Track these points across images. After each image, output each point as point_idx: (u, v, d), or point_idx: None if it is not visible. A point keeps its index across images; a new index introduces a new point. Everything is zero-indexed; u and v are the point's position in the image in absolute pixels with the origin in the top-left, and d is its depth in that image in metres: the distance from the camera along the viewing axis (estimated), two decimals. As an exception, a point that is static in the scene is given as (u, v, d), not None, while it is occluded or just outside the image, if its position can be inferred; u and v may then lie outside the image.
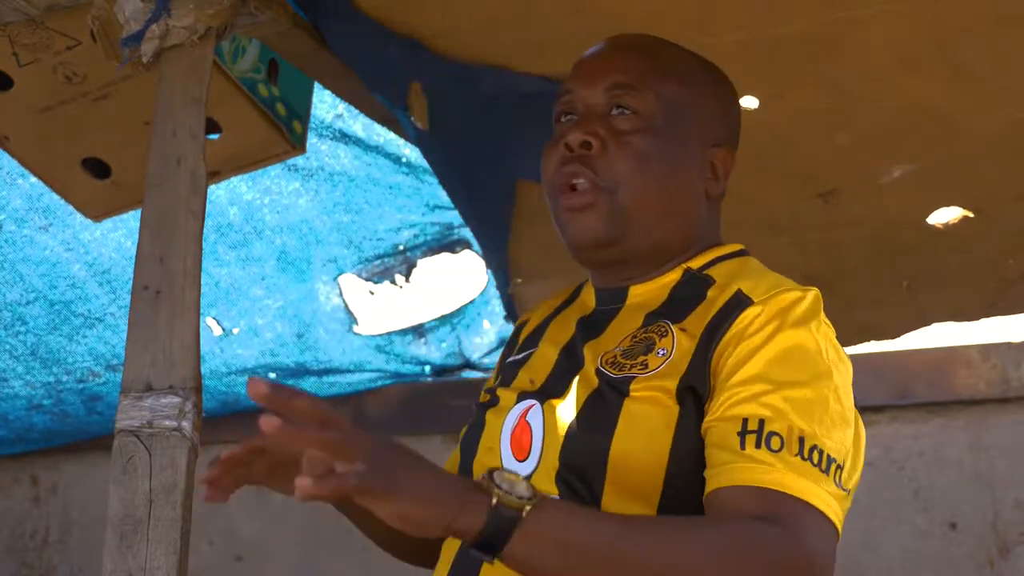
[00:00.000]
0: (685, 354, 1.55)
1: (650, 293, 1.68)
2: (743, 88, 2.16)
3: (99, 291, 2.88)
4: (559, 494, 1.52)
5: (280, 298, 3.05)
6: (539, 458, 1.56)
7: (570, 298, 1.82)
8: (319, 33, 2.14)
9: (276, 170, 2.67)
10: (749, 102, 2.20)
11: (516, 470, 1.56)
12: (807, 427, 1.46)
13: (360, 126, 2.60)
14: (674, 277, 1.68)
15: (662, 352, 1.57)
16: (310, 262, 2.99)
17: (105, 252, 2.79)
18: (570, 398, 1.58)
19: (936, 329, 2.88)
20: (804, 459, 1.44)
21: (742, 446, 1.45)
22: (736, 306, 1.56)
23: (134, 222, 2.28)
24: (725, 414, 1.49)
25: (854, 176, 2.41)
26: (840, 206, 2.47)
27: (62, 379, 3.15)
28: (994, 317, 2.81)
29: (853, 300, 2.65)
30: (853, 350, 2.80)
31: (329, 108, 2.56)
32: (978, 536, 3.02)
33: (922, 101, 2.19)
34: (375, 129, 2.59)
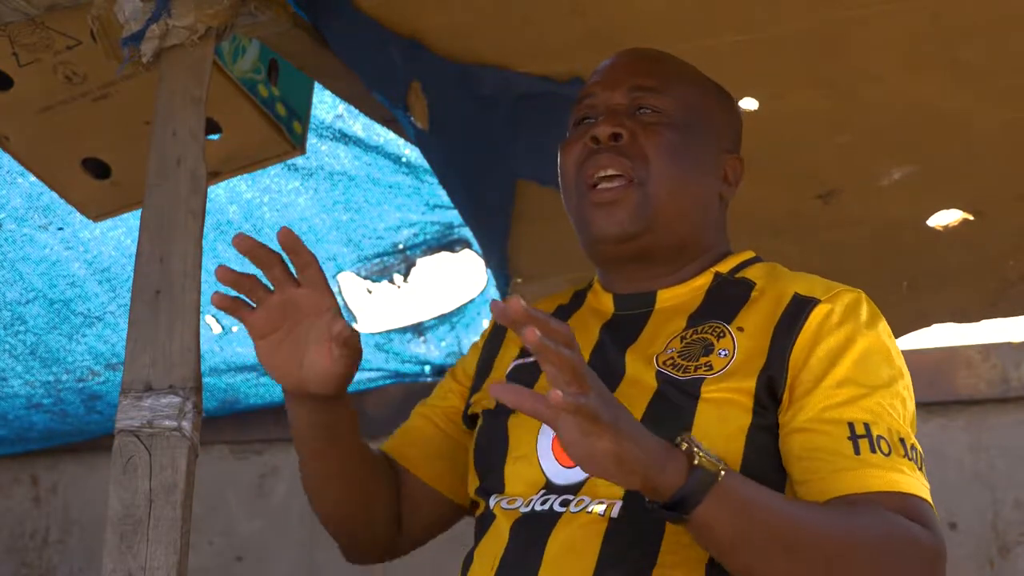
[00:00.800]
0: (754, 353, 1.58)
1: (682, 297, 1.70)
2: (743, 88, 2.17)
3: (99, 290, 2.88)
4: (624, 499, 1.52)
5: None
6: None
7: (572, 302, 1.82)
8: (319, 33, 2.14)
9: (276, 169, 2.67)
10: (749, 103, 2.20)
11: (567, 475, 1.57)
12: (901, 427, 1.54)
13: (360, 126, 2.60)
14: (705, 281, 1.71)
15: (724, 353, 1.59)
16: (310, 261, 2.99)
17: (105, 251, 2.79)
18: (629, 401, 1.56)
19: (936, 329, 2.88)
20: (910, 459, 1.52)
21: (857, 451, 1.51)
22: (804, 306, 1.60)
23: (134, 220, 2.28)
24: (825, 417, 1.53)
25: (854, 177, 2.41)
26: (840, 206, 2.47)
27: (62, 378, 3.15)
28: (994, 317, 2.81)
29: (853, 300, 2.65)
30: (853, 350, 2.79)
31: (329, 108, 2.56)
32: (978, 536, 3.02)
33: (922, 101, 2.19)
34: (375, 129, 2.59)
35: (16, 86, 2.18)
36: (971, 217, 2.47)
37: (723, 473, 1.38)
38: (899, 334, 2.88)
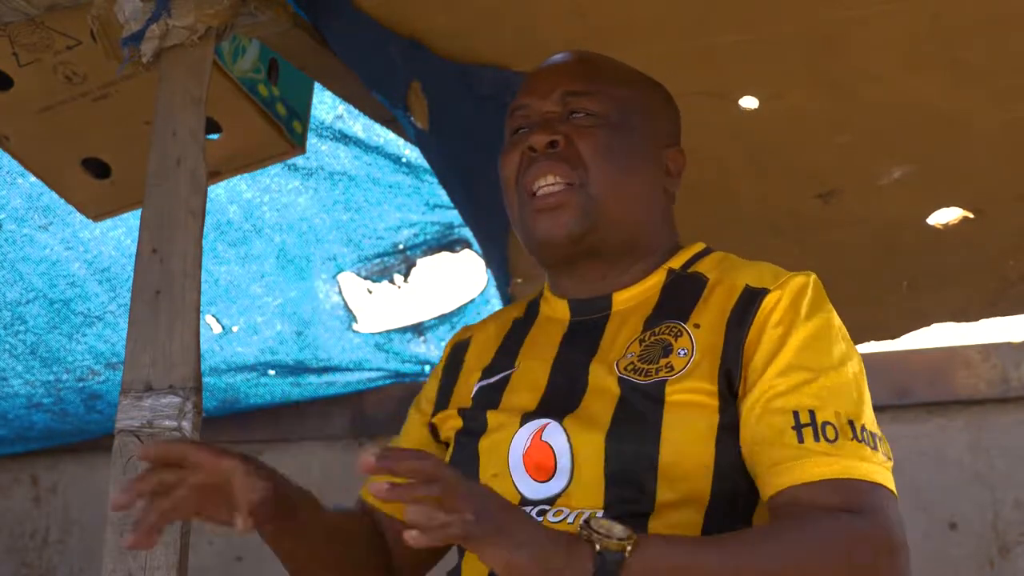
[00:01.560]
0: (711, 349, 1.58)
1: (637, 297, 1.70)
2: (743, 88, 2.17)
3: (99, 289, 2.88)
4: (604, 506, 1.53)
5: (280, 296, 3.05)
6: (571, 475, 1.56)
7: (527, 313, 1.82)
8: (319, 33, 2.14)
9: (276, 169, 2.67)
10: (749, 102, 2.20)
11: (540, 490, 1.57)
12: (850, 408, 1.53)
13: (360, 126, 2.60)
14: (659, 279, 1.72)
15: (683, 352, 1.59)
16: (310, 260, 2.99)
17: (105, 250, 2.79)
18: (595, 411, 1.58)
19: (936, 329, 2.88)
20: (859, 441, 1.51)
21: (800, 439, 1.50)
22: (754, 297, 1.61)
23: (134, 220, 2.28)
24: (771, 406, 1.53)
25: (854, 176, 2.41)
26: (840, 206, 2.47)
27: (62, 377, 3.15)
28: (994, 317, 2.81)
29: (853, 300, 2.64)
30: (853, 350, 2.79)
31: (329, 108, 2.56)
32: (978, 536, 3.02)
33: (922, 101, 2.19)
34: (375, 129, 2.59)
35: (16, 86, 2.18)
36: (971, 216, 2.47)
37: (629, 549, 1.35)
38: (899, 334, 2.89)
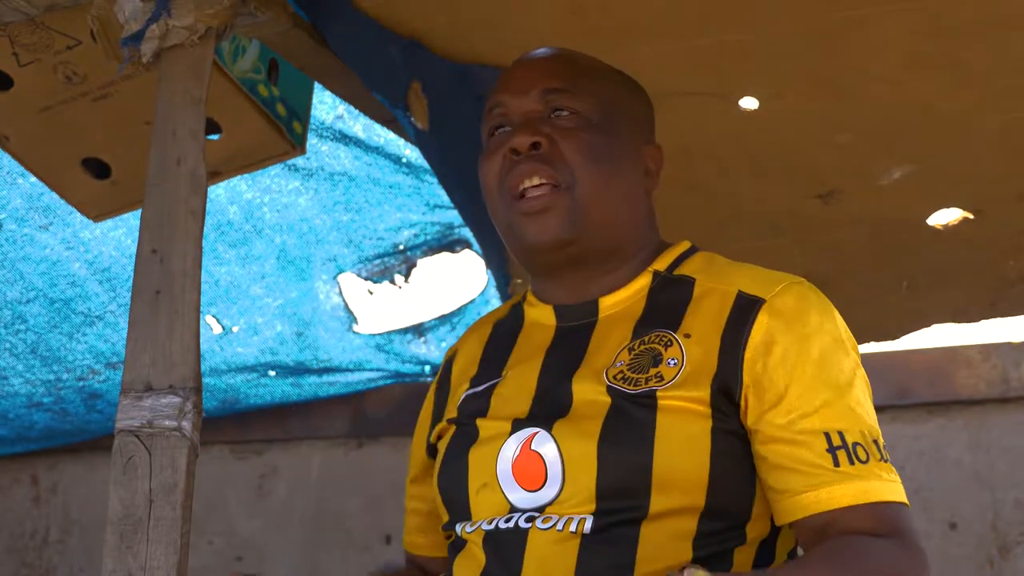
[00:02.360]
0: (703, 360, 1.56)
1: (624, 303, 1.68)
2: (743, 88, 2.17)
3: (99, 289, 2.88)
4: (595, 514, 1.52)
5: (280, 296, 3.05)
6: (562, 484, 1.55)
7: (510, 317, 1.79)
8: (319, 33, 2.13)
9: (276, 169, 2.67)
10: (749, 102, 2.20)
11: (530, 499, 1.56)
12: (871, 425, 1.55)
13: (360, 126, 2.60)
14: (645, 282, 1.69)
15: (672, 362, 1.57)
16: (310, 261, 2.99)
17: (105, 250, 2.79)
18: (585, 419, 1.57)
19: (936, 329, 2.88)
20: (883, 460, 1.53)
21: (836, 463, 1.51)
22: (750, 307, 1.59)
23: (134, 220, 2.28)
24: (800, 427, 1.53)
25: (854, 176, 2.41)
26: (840, 206, 2.47)
27: (62, 377, 3.16)
28: (994, 318, 2.81)
29: (853, 300, 2.65)
30: (853, 350, 2.80)
31: (329, 108, 2.56)
32: (978, 536, 3.02)
33: (922, 101, 2.19)
34: (375, 129, 2.59)
35: (16, 86, 2.18)
36: (971, 216, 2.47)
37: None
38: (899, 334, 2.89)
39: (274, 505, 3.56)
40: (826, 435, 1.52)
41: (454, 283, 3.31)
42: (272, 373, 3.32)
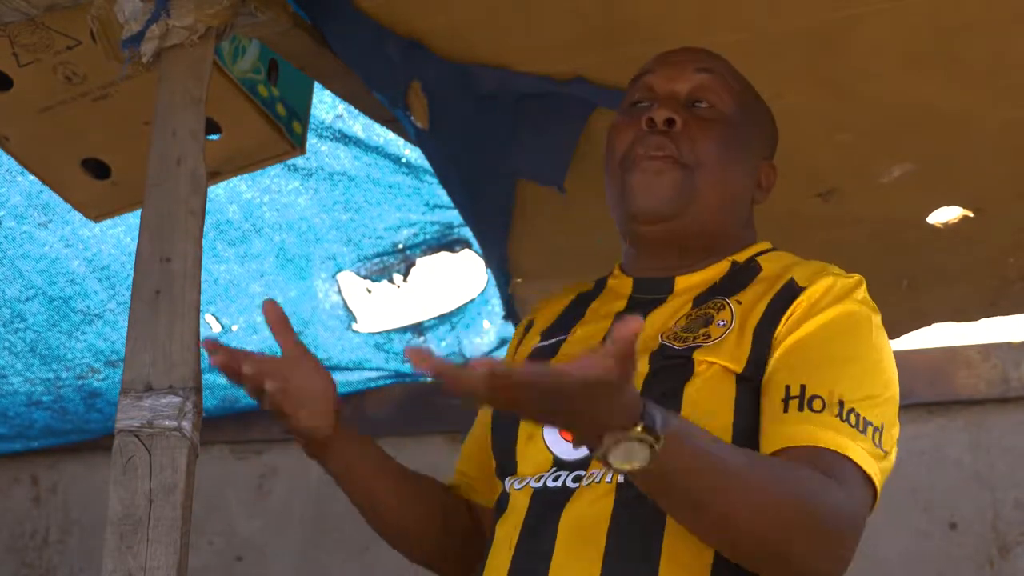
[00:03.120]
0: (746, 332, 1.61)
1: (697, 284, 1.73)
2: (743, 88, 2.16)
3: (98, 287, 2.88)
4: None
5: (279, 295, 3.05)
6: None
7: (593, 291, 1.85)
8: (319, 33, 2.13)
9: (275, 169, 2.67)
10: (749, 102, 2.20)
11: (573, 453, 1.59)
12: (846, 392, 1.54)
13: (360, 126, 2.59)
14: (721, 268, 1.75)
15: (722, 323, 1.63)
16: (309, 260, 2.99)
17: (104, 248, 2.79)
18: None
19: (936, 329, 2.88)
20: (842, 420, 1.52)
21: (785, 410, 1.53)
22: (794, 291, 1.64)
23: (134, 218, 2.27)
24: (772, 382, 1.57)
25: (854, 175, 2.41)
26: (840, 205, 2.47)
27: (61, 375, 3.15)
28: (994, 317, 2.81)
29: (853, 300, 2.65)
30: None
31: (329, 108, 2.56)
32: (978, 536, 3.02)
33: (922, 100, 2.19)
34: (375, 129, 2.58)
35: (16, 86, 2.18)
36: (971, 215, 2.47)
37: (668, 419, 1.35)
38: (899, 333, 2.89)
39: (274, 505, 3.56)
40: (787, 386, 1.55)
41: (453, 283, 3.31)
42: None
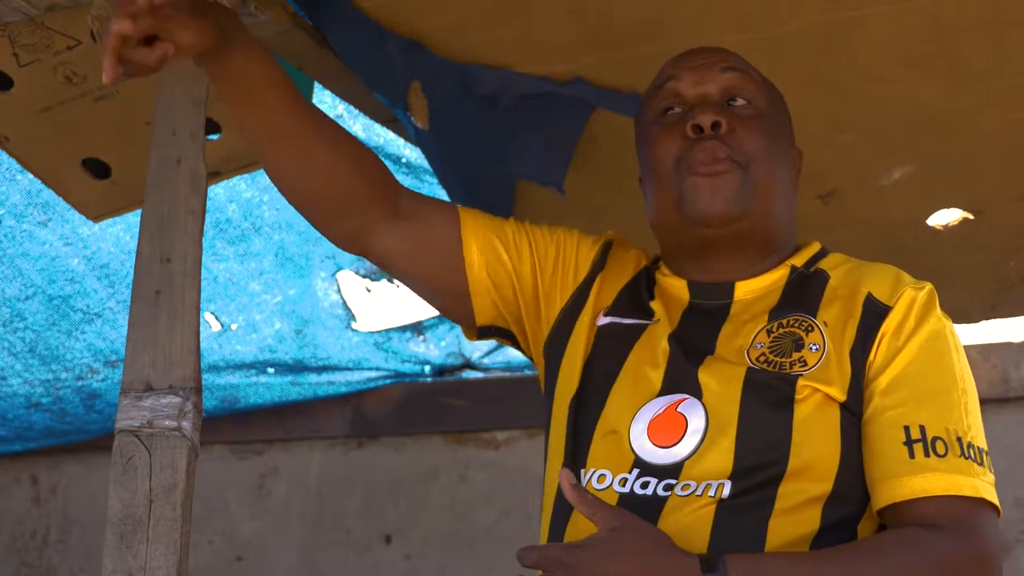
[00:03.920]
0: (843, 359, 1.60)
1: (760, 291, 1.71)
2: (743, 88, 2.16)
3: (98, 286, 2.88)
4: (730, 478, 1.54)
5: (279, 294, 3.05)
6: (696, 447, 1.57)
7: (648, 271, 1.81)
8: (319, 33, 2.13)
9: (276, 169, 2.67)
10: (749, 102, 2.20)
11: (660, 457, 1.58)
12: (959, 425, 1.56)
13: (360, 126, 2.59)
14: (782, 273, 1.73)
15: (814, 347, 1.61)
16: (309, 258, 2.99)
17: (104, 247, 2.79)
18: (726, 395, 1.59)
19: (936, 329, 2.87)
20: (966, 458, 1.54)
21: (911, 455, 1.53)
22: (878, 310, 1.64)
23: (133, 217, 2.28)
24: (884, 420, 1.56)
25: (854, 176, 2.41)
26: (840, 206, 2.47)
27: (61, 376, 3.15)
28: (994, 318, 2.81)
29: (853, 300, 2.65)
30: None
31: (329, 108, 2.56)
32: (977, 536, 3.01)
33: (923, 101, 2.19)
34: (375, 129, 2.58)
35: (16, 86, 2.18)
36: (971, 217, 2.47)
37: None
38: (899, 334, 2.87)
39: (274, 505, 3.56)
40: (906, 428, 1.55)
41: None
42: (271, 370, 3.32)
